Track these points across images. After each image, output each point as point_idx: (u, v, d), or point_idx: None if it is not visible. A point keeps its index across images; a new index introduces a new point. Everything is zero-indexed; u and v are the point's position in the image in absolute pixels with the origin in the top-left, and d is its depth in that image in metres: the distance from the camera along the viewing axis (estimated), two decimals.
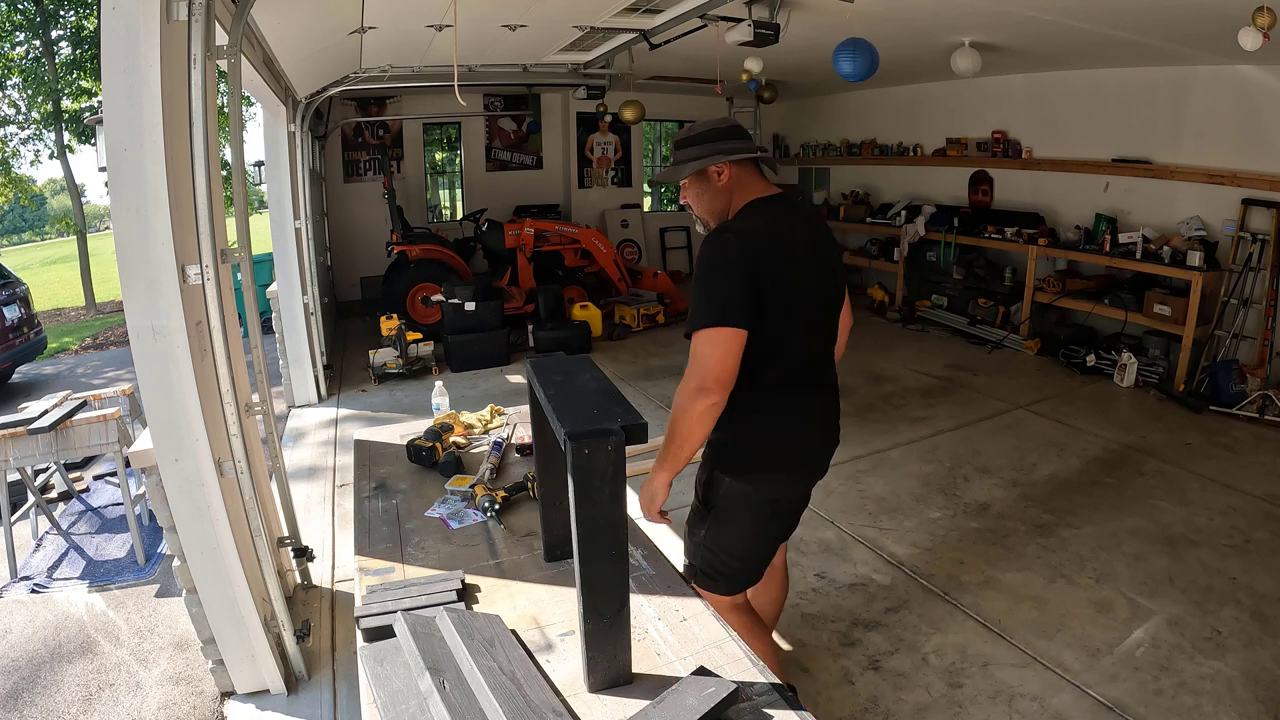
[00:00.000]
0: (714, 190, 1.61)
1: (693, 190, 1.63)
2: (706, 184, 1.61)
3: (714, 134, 1.59)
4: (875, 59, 4.13)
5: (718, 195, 1.61)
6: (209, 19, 1.83)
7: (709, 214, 1.64)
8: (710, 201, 1.62)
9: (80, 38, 11.26)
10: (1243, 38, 3.26)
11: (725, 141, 1.59)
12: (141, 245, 1.81)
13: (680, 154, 1.63)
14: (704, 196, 1.62)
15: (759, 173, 1.64)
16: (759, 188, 1.61)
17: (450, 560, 1.65)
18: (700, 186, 1.62)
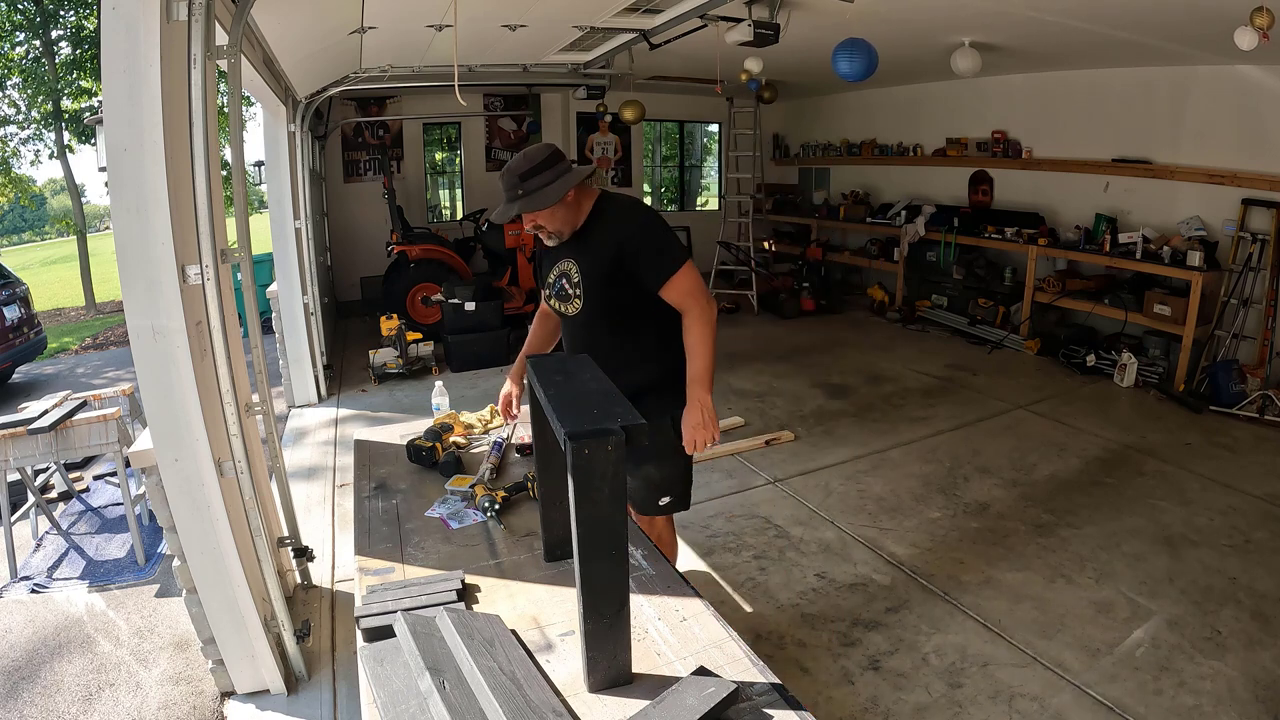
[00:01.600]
0: (567, 207, 1.91)
1: (555, 213, 1.90)
2: (562, 204, 1.89)
3: (549, 160, 1.86)
4: (874, 59, 4.13)
5: (570, 210, 1.92)
6: (209, 19, 1.83)
7: (565, 226, 1.94)
8: (565, 217, 1.92)
9: (80, 38, 11.26)
10: (1239, 37, 3.26)
11: (556, 166, 1.87)
12: (141, 245, 1.81)
13: (531, 183, 1.83)
14: (559, 214, 1.90)
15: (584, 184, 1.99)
16: (590, 189, 2.01)
17: (450, 560, 1.65)
18: (559, 208, 1.89)
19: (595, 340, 1.95)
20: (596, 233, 1.93)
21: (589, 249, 1.94)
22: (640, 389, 1.88)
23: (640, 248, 1.89)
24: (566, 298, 2.00)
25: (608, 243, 1.90)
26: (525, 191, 1.83)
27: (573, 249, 1.97)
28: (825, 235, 8.33)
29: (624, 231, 1.90)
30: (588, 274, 1.93)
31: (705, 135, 10.81)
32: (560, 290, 2.02)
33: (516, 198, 1.84)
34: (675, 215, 10.00)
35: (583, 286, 1.94)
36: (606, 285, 1.92)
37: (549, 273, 2.06)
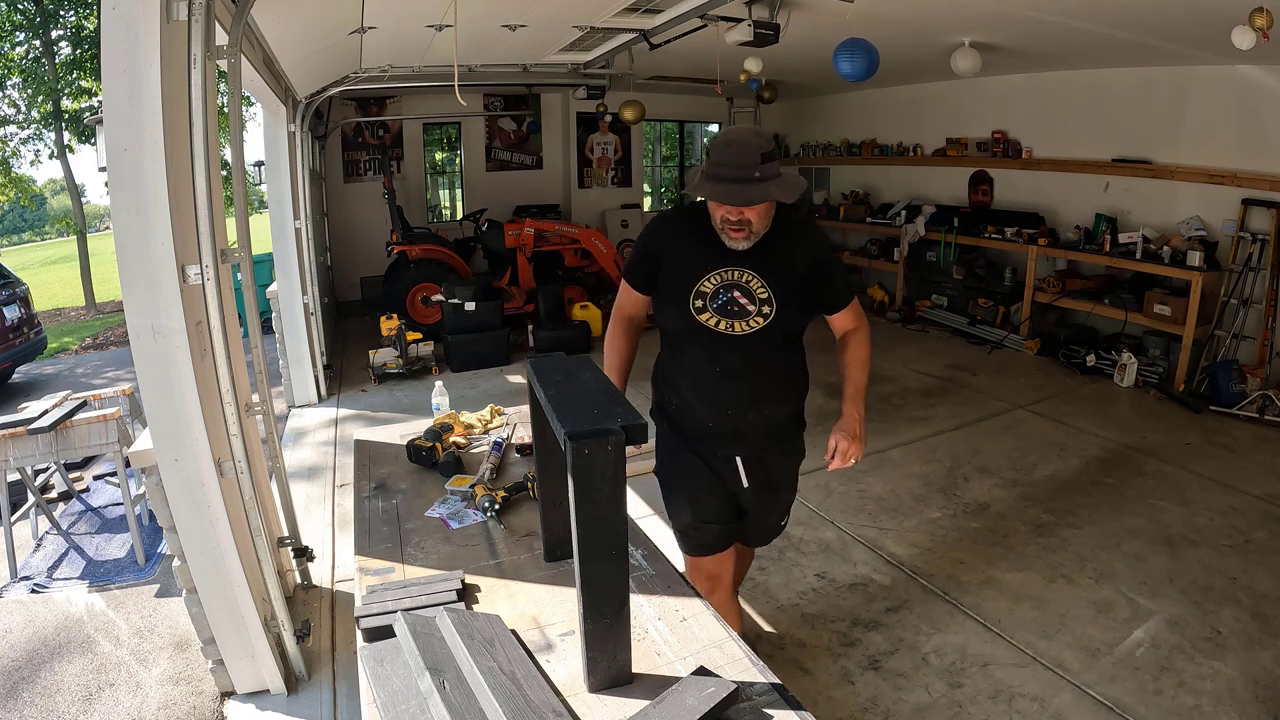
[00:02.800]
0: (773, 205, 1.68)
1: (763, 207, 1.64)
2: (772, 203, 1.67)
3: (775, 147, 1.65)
4: (875, 59, 4.13)
5: (772, 212, 1.69)
6: (209, 19, 1.83)
7: (762, 228, 1.68)
8: (769, 216, 1.68)
9: (80, 38, 11.26)
10: (1237, 36, 3.26)
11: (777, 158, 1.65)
12: (141, 245, 1.81)
13: (772, 168, 1.58)
14: (770, 211, 1.68)
15: None
16: None
17: (450, 560, 1.65)
18: (769, 203, 1.65)
19: (760, 365, 1.76)
20: (784, 244, 1.72)
21: (775, 261, 1.71)
22: (796, 415, 1.89)
23: (834, 268, 1.81)
24: (739, 313, 1.71)
25: (800, 257, 1.73)
26: (765, 175, 1.57)
27: (746, 258, 1.71)
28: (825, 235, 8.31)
29: (819, 249, 1.77)
30: (779, 289, 1.71)
31: (705, 135, 10.80)
32: (729, 304, 1.72)
33: (753, 179, 1.56)
34: None
35: (774, 303, 1.70)
36: (796, 303, 1.73)
37: (693, 278, 1.73)
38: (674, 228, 1.81)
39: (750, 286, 1.71)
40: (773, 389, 1.78)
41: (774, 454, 1.88)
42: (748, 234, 1.65)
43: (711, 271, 1.72)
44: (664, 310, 1.80)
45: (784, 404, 1.82)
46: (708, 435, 1.81)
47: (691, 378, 1.79)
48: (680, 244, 1.77)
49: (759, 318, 1.71)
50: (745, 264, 1.71)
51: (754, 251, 1.70)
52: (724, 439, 1.80)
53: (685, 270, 1.74)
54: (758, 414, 1.79)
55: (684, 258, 1.75)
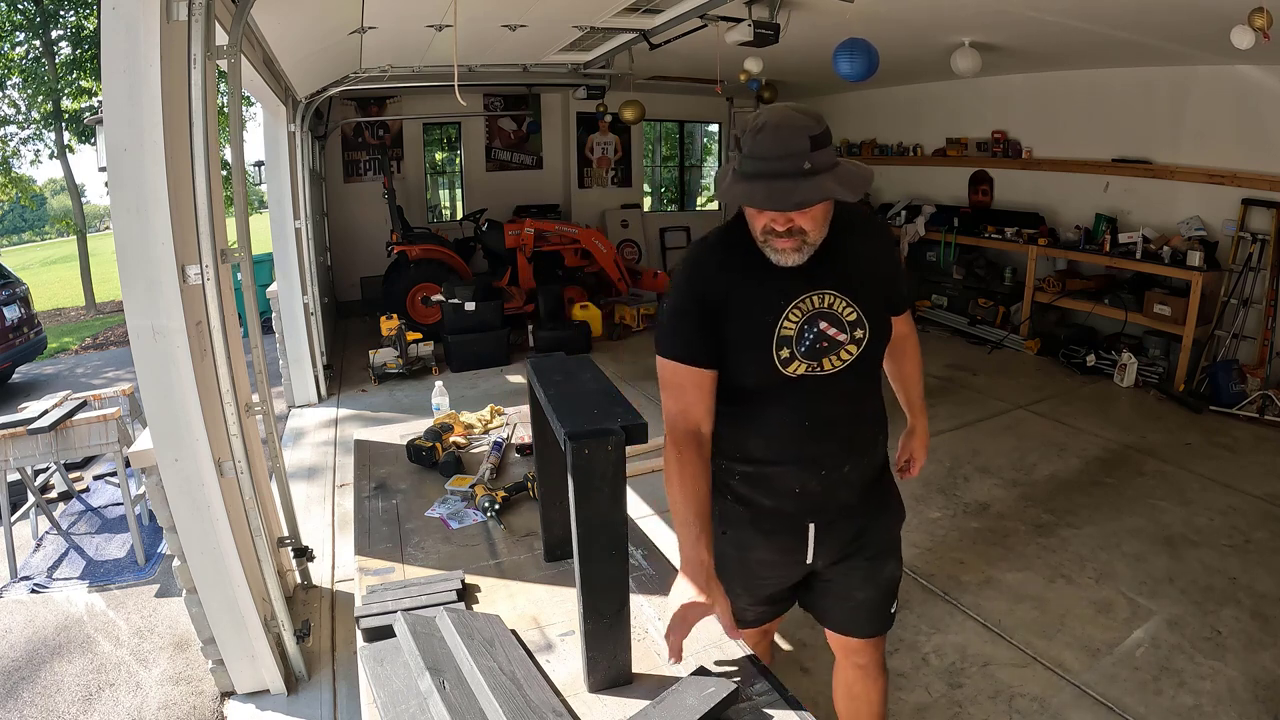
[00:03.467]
0: (831, 206, 1.26)
1: (819, 210, 1.22)
2: (830, 203, 1.25)
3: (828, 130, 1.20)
4: (875, 59, 4.13)
5: (829, 214, 1.26)
6: (209, 19, 1.83)
7: (818, 237, 1.26)
8: (826, 221, 1.26)
9: (80, 38, 11.26)
10: (1236, 36, 3.26)
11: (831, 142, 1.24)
12: (141, 245, 1.81)
13: (824, 157, 1.15)
14: (826, 214, 1.25)
15: None
16: None
17: (450, 560, 1.65)
18: (826, 205, 1.24)
19: (855, 406, 1.39)
20: (855, 245, 1.33)
21: (854, 268, 1.32)
22: (886, 461, 1.52)
23: (897, 266, 1.50)
24: (829, 348, 1.30)
25: (870, 261, 1.36)
26: (819, 167, 1.14)
27: (820, 273, 1.29)
28: None
29: (881, 245, 1.44)
30: (867, 304, 1.32)
31: (705, 135, 10.80)
32: (818, 340, 1.30)
33: (803, 173, 1.13)
34: (675, 215, 10.01)
35: (865, 324, 1.31)
36: (883, 318, 1.37)
37: (771, 322, 1.28)
38: (725, 259, 1.31)
39: (836, 310, 1.29)
40: (869, 432, 1.44)
41: (866, 514, 1.46)
42: (800, 245, 1.23)
43: (791, 305, 1.28)
44: (736, 372, 1.31)
45: (878, 448, 1.47)
46: (786, 509, 1.40)
47: (770, 443, 1.36)
48: (741, 280, 1.29)
49: (851, 345, 1.31)
50: (822, 281, 1.29)
51: (826, 261, 1.28)
52: (807, 507, 1.40)
53: (758, 315, 1.28)
54: (855, 468, 1.40)
55: (752, 298, 1.29)
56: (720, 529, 1.42)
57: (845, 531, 1.44)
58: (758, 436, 1.36)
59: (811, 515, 1.41)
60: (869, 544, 1.47)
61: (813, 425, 1.34)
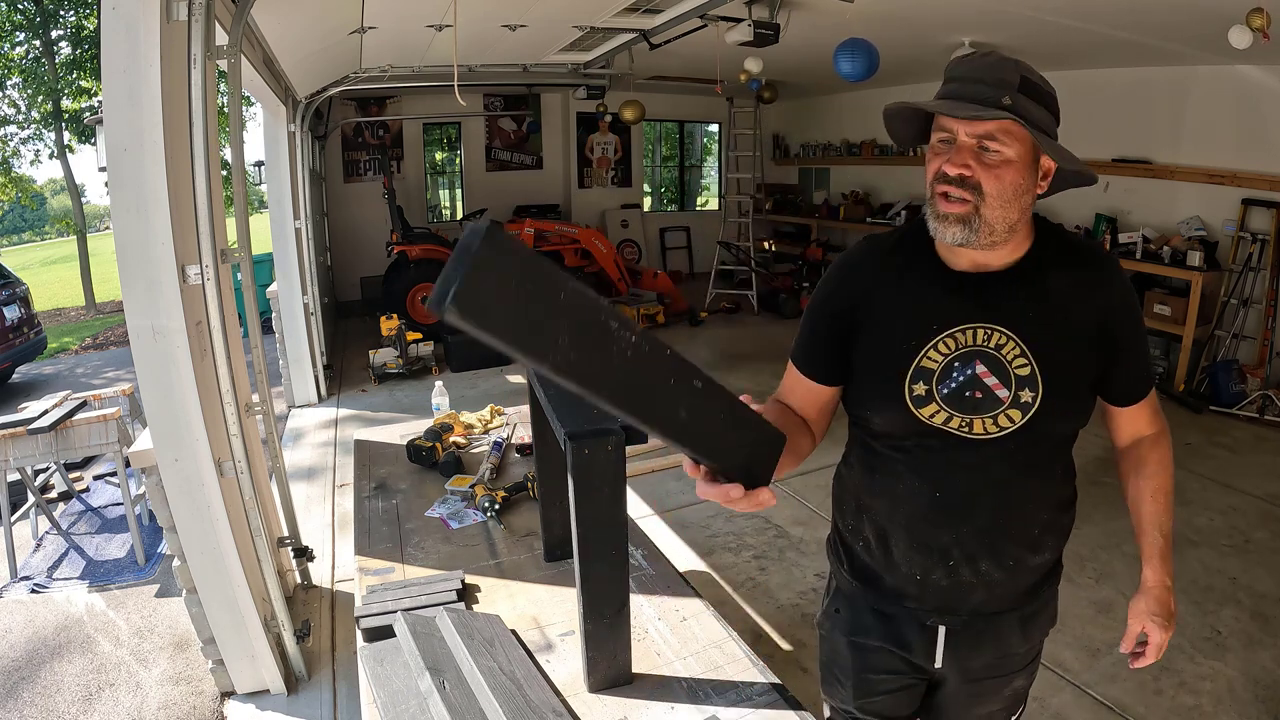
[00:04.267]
0: (1030, 189, 0.95)
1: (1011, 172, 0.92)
2: (1029, 174, 0.94)
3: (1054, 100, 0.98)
4: (875, 59, 4.13)
5: (1020, 201, 0.94)
6: (209, 19, 1.83)
7: (1002, 218, 0.94)
8: (1018, 201, 0.94)
9: (80, 38, 11.26)
10: (1234, 36, 3.26)
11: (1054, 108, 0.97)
12: (141, 245, 1.81)
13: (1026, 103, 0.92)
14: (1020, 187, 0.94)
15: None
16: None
17: (450, 560, 1.65)
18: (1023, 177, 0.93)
19: (1010, 490, 1.04)
20: (1056, 284, 0.99)
21: (1044, 313, 0.98)
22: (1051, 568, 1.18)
23: (1139, 331, 1.06)
24: (982, 404, 0.99)
25: (1085, 304, 1.00)
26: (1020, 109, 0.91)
27: (989, 304, 0.99)
28: (825, 235, 8.33)
29: (1119, 293, 1.02)
30: (1048, 359, 0.97)
31: (705, 135, 10.81)
32: (968, 386, 0.99)
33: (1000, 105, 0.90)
34: (675, 215, 10.01)
35: (1039, 383, 0.97)
36: (1074, 385, 1.00)
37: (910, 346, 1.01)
38: (888, 258, 1.06)
39: (1004, 355, 0.98)
40: (1027, 530, 1.07)
41: (1008, 626, 1.13)
42: (969, 212, 0.93)
43: (944, 331, 0.99)
44: (860, 400, 1.08)
45: (1039, 552, 1.10)
46: (908, 594, 1.11)
47: (895, 508, 1.09)
48: (894, 284, 1.03)
49: (1014, 410, 0.98)
50: (998, 312, 0.98)
51: (1012, 286, 0.99)
52: (932, 601, 1.10)
53: (898, 334, 1.01)
54: (996, 567, 1.07)
55: (897, 310, 1.02)
56: (834, 606, 1.22)
57: (989, 644, 1.13)
58: (882, 496, 1.09)
59: (940, 614, 1.11)
60: (1009, 662, 1.17)
61: (945, 500, 1.03)
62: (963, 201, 0.93)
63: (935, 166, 0.95)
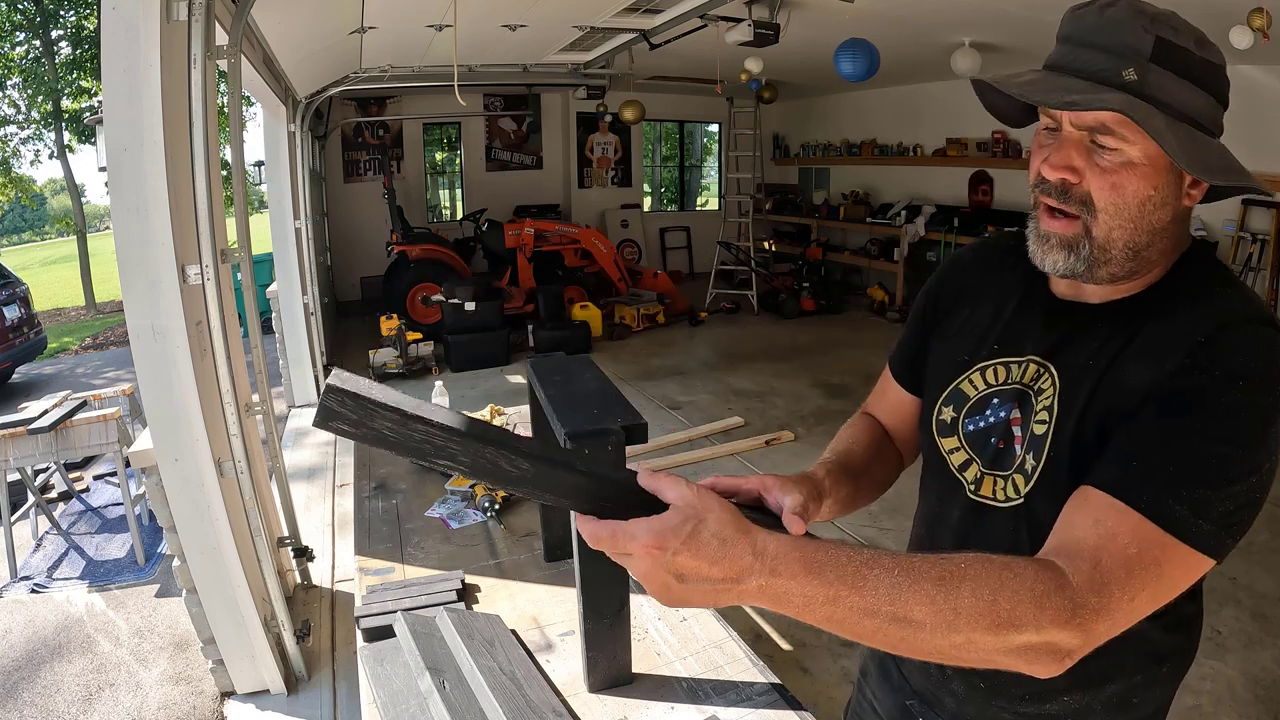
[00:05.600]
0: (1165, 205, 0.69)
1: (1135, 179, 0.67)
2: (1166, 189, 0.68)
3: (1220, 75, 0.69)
4: (875, 59, 4.14)
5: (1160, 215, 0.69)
6: (209, 19, 1.83)
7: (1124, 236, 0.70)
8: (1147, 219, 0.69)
9: (80, 38, 11.27)
10: (1235, 36, 3.26)
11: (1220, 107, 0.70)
12: (141, 245, 1.81)
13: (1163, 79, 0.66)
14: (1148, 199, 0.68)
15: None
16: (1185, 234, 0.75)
17: (450, 560, 1.65)
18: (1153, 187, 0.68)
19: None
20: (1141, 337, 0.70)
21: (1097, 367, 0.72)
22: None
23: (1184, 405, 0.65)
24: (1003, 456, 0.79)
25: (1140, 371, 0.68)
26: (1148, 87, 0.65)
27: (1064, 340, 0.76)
28: (825, 235, 8.34)
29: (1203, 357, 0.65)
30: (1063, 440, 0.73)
31: (705, 135, 10.81)
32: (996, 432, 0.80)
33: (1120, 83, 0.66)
34: (675, 215, 10.02)
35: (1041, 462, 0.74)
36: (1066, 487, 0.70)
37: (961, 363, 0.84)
38: (988, 263, 0.88)
39: (1037, 405, 0.76)
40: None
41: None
42: (1076, 234, 0.71)
43: (999, 357, 0.81)
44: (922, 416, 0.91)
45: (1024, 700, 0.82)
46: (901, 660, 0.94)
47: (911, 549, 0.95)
48: (979, 296, 0.86)
49: (1019, 475, 0.77)
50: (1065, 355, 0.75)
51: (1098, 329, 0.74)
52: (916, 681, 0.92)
53: (959, 347, 0.86)
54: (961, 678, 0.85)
55: (973, 322, 0.86)
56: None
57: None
58: (916, 526, 0.96)
59: (920, 700, 0.91)
60: None
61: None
62: (1068, 219, 0.70)
63: (1036, 165, 0.73)
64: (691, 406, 4.76)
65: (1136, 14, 0.66)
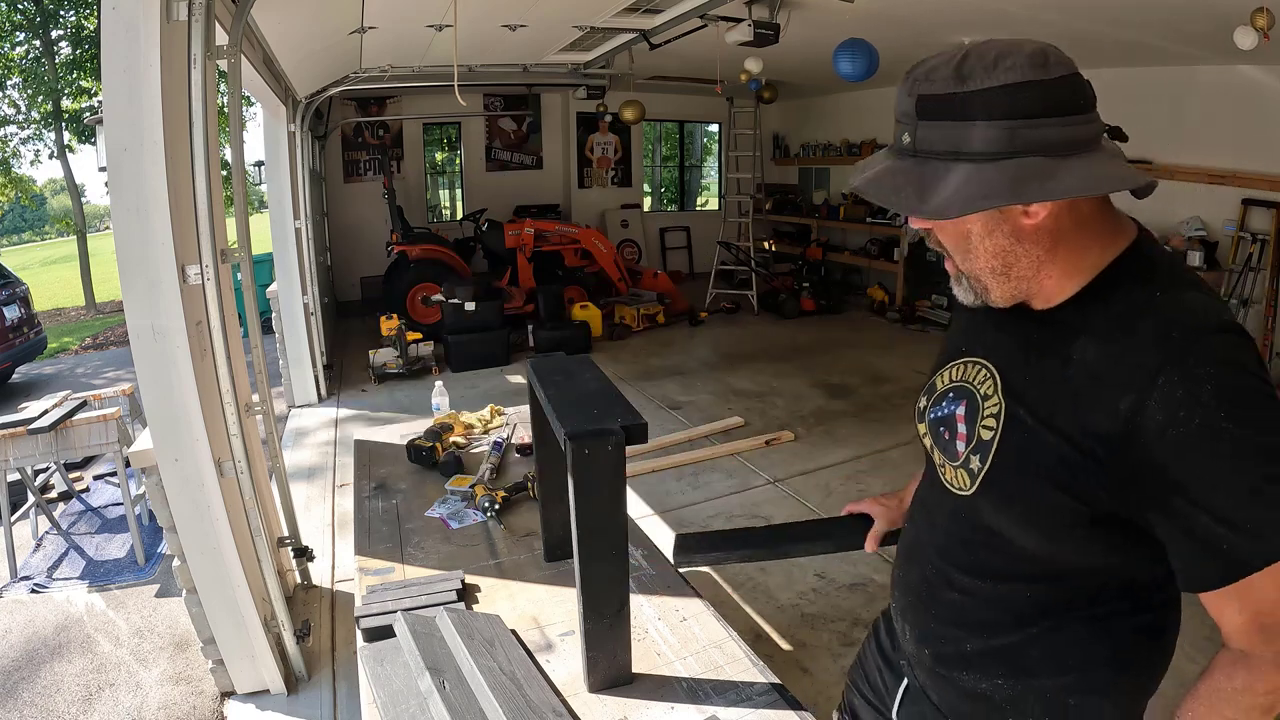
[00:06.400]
0: (1013, 234, 0.75)
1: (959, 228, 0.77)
2: (996, 222, 0.74)
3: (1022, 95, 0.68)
4: (876, 59, 4.14)
5: (1022, 244, 0.75)
6: (209, 19, 1.83)
7: (998, 276, 0.78)
8: (1002, 254, 0.76)
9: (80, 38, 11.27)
10: (1239, 37, 3.26)
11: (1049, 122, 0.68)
12: (141, 245, 1.81)
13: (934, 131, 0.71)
14: (985, 244, 0.76)
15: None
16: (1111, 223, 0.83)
17: (450, 560, 1.65)
18: (980, 225, 0.75)
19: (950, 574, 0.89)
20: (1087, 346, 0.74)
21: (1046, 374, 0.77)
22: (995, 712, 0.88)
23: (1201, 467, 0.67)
24: (949, 449, 0.87)
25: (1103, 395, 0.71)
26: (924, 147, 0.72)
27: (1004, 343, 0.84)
28: (825, 235, 8.33)
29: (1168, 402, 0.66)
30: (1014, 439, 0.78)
31: (705, 135, 10.81)
32: (944, 423, 0.88)
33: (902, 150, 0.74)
34: (675, 215, 10.01)
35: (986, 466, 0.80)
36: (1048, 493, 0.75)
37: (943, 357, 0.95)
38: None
39: (985, 406, 0.82)
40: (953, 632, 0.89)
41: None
42: (956, 274, 0.83)
43: (958, 358, 0.91)
44: None
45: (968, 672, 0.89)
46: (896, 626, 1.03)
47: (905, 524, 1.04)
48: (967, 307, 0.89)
49: (964, 472, 0.83)
50: (1000, 358, 0.84)
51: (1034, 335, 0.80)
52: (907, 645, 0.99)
53: (949, 344, 0.96)
54: (919, 643, 0.94)
55: (962, 325, 0.96)
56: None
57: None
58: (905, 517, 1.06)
59: (909, 664, 1.00)
60: None
61: (909, 535, 0.98)
62: (951, 266, 0.83)
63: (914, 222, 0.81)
64: (691, 406, 4.77)
65: (905, 81, 0.73)
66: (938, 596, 0.90)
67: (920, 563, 0.93)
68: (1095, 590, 0.82)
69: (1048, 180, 0.68)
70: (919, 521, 0.96)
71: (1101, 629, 0.83)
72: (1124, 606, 0.84)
